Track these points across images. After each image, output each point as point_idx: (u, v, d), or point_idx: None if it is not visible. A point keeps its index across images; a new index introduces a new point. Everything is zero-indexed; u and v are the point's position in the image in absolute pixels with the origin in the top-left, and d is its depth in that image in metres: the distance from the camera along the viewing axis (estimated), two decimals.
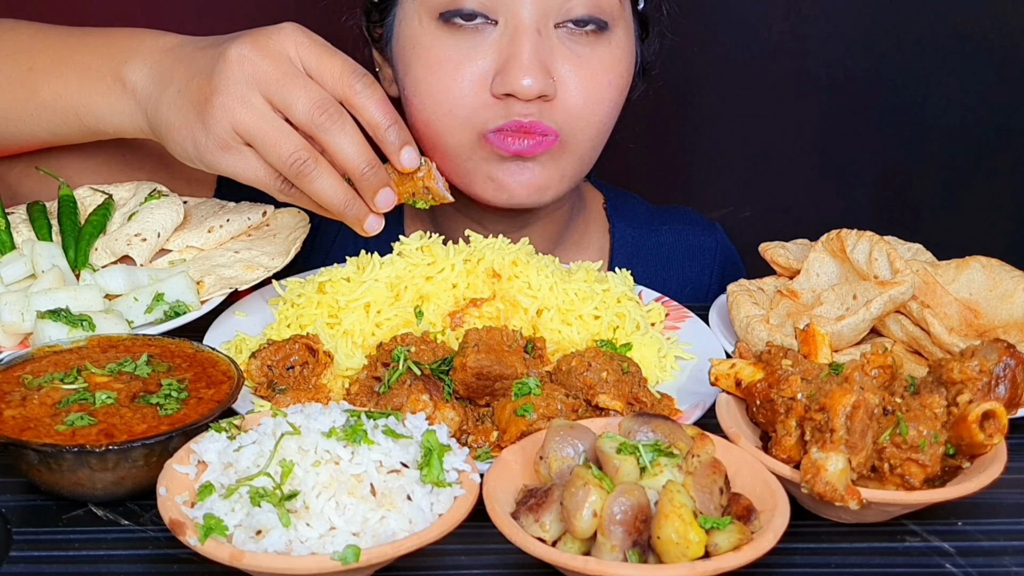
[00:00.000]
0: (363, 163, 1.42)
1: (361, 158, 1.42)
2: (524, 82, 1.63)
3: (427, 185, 1.50)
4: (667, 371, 1.50)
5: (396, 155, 1.45)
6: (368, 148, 1.43)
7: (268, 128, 1.39)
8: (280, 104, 1.40)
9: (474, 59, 1.67)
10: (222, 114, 1.40)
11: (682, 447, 1.14)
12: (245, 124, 1.40)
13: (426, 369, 1.36)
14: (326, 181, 1.42)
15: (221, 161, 1.43)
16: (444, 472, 1.13)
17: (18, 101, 1.62)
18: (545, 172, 1.72)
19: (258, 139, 1.40)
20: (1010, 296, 1.58)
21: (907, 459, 1.18)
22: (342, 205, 1.44)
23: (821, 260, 1.60)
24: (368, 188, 1.44)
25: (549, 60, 1.67)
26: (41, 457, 1.18)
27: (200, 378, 1.31)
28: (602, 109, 1.73)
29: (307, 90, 1.40)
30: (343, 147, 1.41)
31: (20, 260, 1.58)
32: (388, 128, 1.44)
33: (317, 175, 1.41)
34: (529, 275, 1.51)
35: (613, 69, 1.73)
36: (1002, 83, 2.72)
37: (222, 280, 1.58)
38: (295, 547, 1.05)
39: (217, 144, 1.42)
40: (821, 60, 2.73)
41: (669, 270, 2.02)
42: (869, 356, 1.26)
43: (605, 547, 1.06)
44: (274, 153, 1.40)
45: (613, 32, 1.72)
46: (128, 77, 1.53)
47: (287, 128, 1.40)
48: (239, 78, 1.39)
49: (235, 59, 1.40)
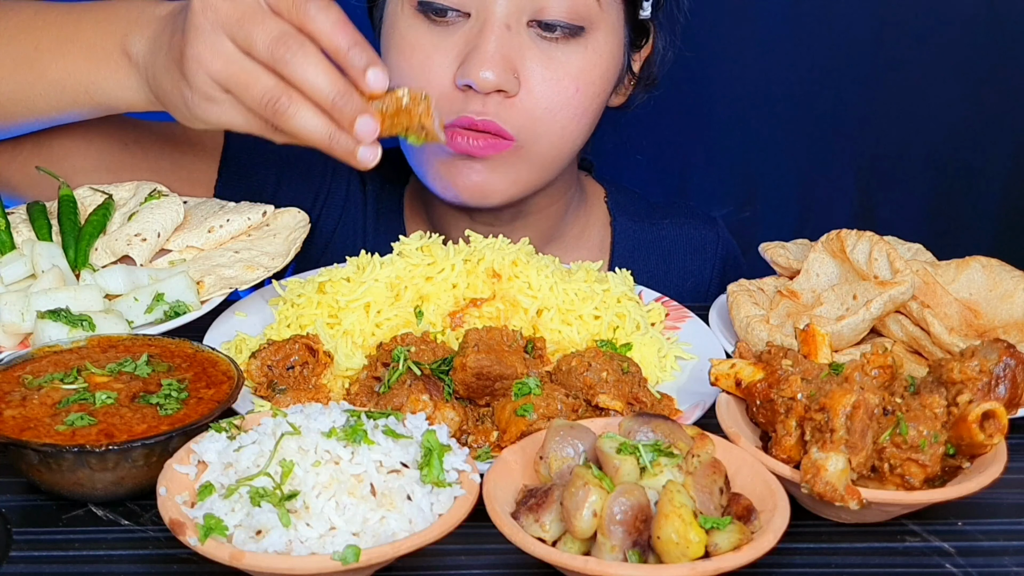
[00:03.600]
0: (332, 92, 1.34)
1: (329, 87, 1.34)
2: (483, 74, 1.62)
3: (423, 123, 1.40)
4: (667, 371, 1.50)
5: (361, 77, 1.35)
6: (336, 75, 1.35)
7: (238, 71, 1.35)
8: (243, 44, 1.35)
9: (443, 49, 1.67)
10: (196, 66, 1.37)
11: (682, 447, 1.14)
12: (217, 71, 1.36)
13: (426, 369, 1.36)
14: (304, 117, 1.35)
15: (209, 114, 1.40)
16: (444, 472, 1.13)
17: (25, 81, 1.62)
18: (493, 176, 1.71)
19: (231, 84, 1.36)
20: (1010, 296, 1.58)
21: (907, 459, 1.18)
22: (327, 139, 1.36)
23: (821, 260, 1.60)
24: (343, 118, 1.35)
25: (517, 57, 1.65)
26: (41, 457, 1.18)
27: (200, 378, 1.31)
28: (564, 115, 1.70)
29: (265, 25, 1.34)
30: (308, 77, 1.33)
31: (20, 260, 1.58)
32: (349, 50, 1.35)
33: (294, 111, 1.34)
34: (529, 275, 1.51)
35: (583, 75, 1.70)
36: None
37: (222, 280, 1.58)
38: (295, 547, 1.06)
39: (202, 97, 1.39)
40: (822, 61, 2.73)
41: (670, 264, 2.02)
42: (869, 356, 1.26)
43: (605, 547, 1.06)
44: (248, 96, 1.36)
45: (590, 37, 1.69)
46: (131, 50, 1.52)
47: (256, 68, 1.35)
48: (204, 26, 1.36)
49: (199, 8, 1.36)
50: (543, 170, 1.76)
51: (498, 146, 1.68)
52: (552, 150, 1.74)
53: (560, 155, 1.76)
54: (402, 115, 1.39)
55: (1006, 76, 2.71)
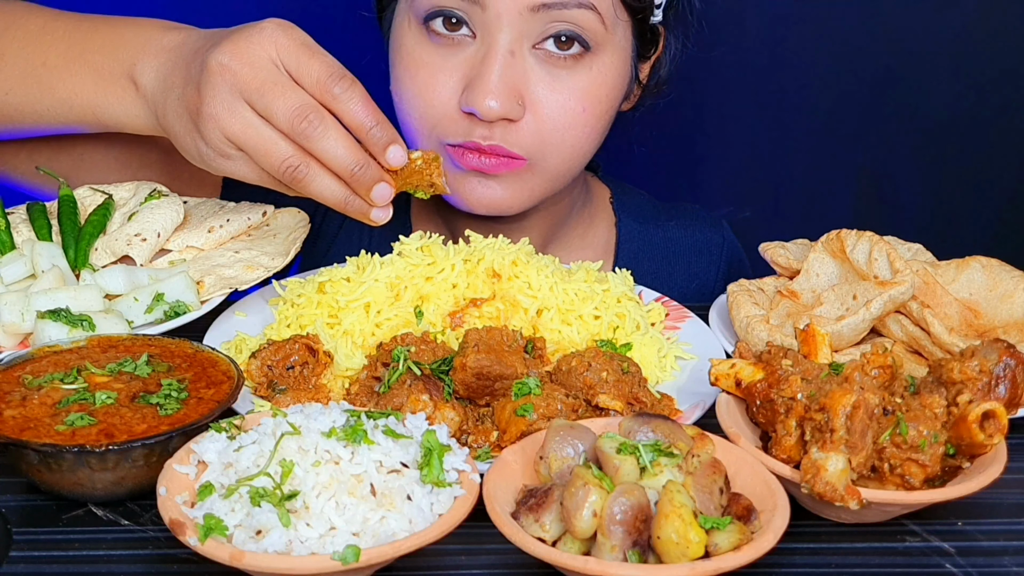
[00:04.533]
0: (351, 164, 1.40)
1: (348, 160, 1.40)
2: (488, 103, 1.62)
3: (434, 181, 1.49)
4: (667, 371, 1.50)
5: (382, 155, 1.42)
6: (355, 148, 1.41)
7: (256, 137, 1.39)
8: (262, 112, 1.39)
9: (448, 70, 1.67)
10: (212, 124, 1.40)
11: (682, 447, 1.14)
12: (234, 134, 1.40)
13: (426, 369, 1.36)
14: (321, 183, 1.41)
15: (223, 167, 1.45)
16: (444, 472, 1.13)
17: (33, 95, 1.64)
18: (508, 191, 1.72)
19: (248, 148, 1.40)
20: (1010, 296, 1.58)
21: (907, 459, 1.18)
22: (343, 204, 1.43)
23: (821, 260, 1.60)
24: (361, 187, 1.42)
25: (522, 82, 1.66)
26: (41, 457, 1.18)
27: (200, 378, 1.31)
28: (573, 135, 1.70)
29: (286, 98, 1.38)
30: (328, 151, 1.39)
31: (20, 260, 1.58)
32: (371, 129, 1.41)
33: (311, 179, 1.40)
34: (529, 275, 1.51)
35: (590, 95, 1.70)
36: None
37: (222, 280, 1.58)
38: (295, 547, 1.06)
39: (216, 152, 1.43)
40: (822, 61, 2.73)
41: (675, 266, 2.02)
42: (869, 356, 1.26)
43: (605, 547, 1.06)
44: (265, 162, 1.40)
45: (596, 57, 1.69)
46: (139, 79, 1.55)
47: (275, 136, 1.39)
48: (222, 88, 1.39)
49: (216, 68, 1.39)
50: (555, 181, 1.77)
51: (510, 164, 1.69)
52: (563, 164, 1.74)
53: (572, 167, 1.77)
54: (414, 175, 1.48)
55: (1006, 76, 2.71)
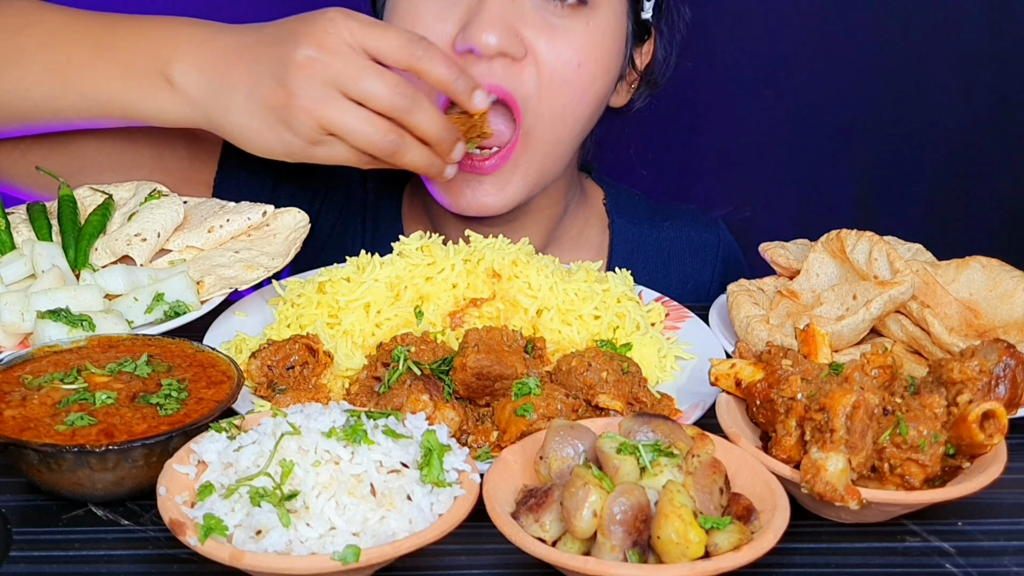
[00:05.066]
0: (441, 131, 1.55)
1: (438, 128, 1.55)
2: (485, 37, 1.63)
3: (483, 130, 1.62)
4: (667, 371, 1.50)
5: (469, 101, 1.58)
6: (441, 116, 1.56)
7: (354, 122, 1.51)
8: (359, 97, 1.50)
9: (445, 19, 1.68)
10: (306, 116, 1.50)
11: (682, 447, 1.14)
12: (331, 121, 1.51)
13: (426, 369, 1.36)
14: (415, 152, 1.55)
15: (313, 154, 1.56)
16: (444, 472, 1.13)
17: (55, 91, 1.65)
18: (500, 194, 1.74)
19: (347, 132, 1.52)
20: (1010, 296, 1.58)
21: (907, 459, 1.18)
22: (428, 167, 1.58)
23: (821, 260, 1.60)
24: (444, 150, 1.57)
25: (520, 23, 1.66)
26: (41, 457, 1.18)
27: (200, 378, 1.31)
28: (568, 91, 1.70)
29: (382, 80, 1.50)
30: (423, 123, 1.53)
31: (20, 260, 1.58)
32: (456, 80, 1.55)
33: (407, 150, 1.55)
34: (529, 275, 1.51)
35: (585, 50, 1.70)
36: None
37: (222, 280, 1.58)
38: (295, 547, 1.05)
39: (307, 141, 1.53)
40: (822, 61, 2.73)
41: (670, 266, 2.01)
42: (869, 356, 1.26)
43: (605, 547, 1.06)
44: (366, 142, 1.52)
45: (592, 13, 1.70)
46: (176, 79, 1.58)
47: (372, 117, 1.51)
48: (313, 81, 1.49)
49: (304, 63, 1.49)
50: (544, 161, 1.76)
51: (504, 155, 1.70)
52: (553, 136, 1.74)
53: (561, 144, 1.76)
54: (473, 127, 1.62)
55: (1006, 77, 2.72)
